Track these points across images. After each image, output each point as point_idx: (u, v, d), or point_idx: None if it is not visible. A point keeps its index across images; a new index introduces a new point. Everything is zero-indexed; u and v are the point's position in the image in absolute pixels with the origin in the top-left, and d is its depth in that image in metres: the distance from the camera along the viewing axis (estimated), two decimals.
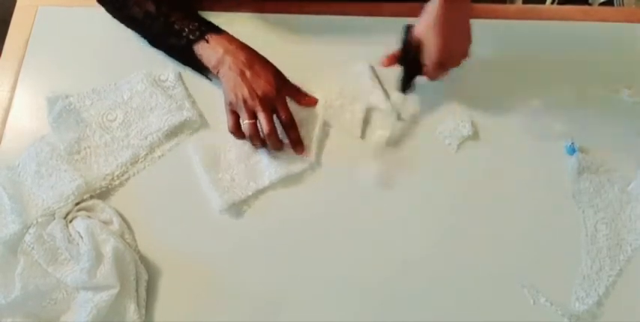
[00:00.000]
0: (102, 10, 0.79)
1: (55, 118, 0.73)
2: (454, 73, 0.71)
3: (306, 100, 0.73)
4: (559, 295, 0.64)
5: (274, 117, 0.68)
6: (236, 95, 0.67)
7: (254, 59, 0.69)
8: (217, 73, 0.70)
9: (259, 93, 0.66)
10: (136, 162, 0.72)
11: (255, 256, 0.67)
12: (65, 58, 0.79)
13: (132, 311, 0.62)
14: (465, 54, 0.70)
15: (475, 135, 0.73)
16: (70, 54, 0.79)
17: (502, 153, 0.72)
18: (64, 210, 0.67)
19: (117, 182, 0.70)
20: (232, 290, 0.65)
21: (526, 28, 0.80)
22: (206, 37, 0.70)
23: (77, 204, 0.68)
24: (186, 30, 0.70)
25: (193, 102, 0.75)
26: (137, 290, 0.64)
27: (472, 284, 0.65)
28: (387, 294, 0.65)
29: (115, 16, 0.77)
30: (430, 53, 0.67)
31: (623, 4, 1.38)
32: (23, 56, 0.79)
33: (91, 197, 0.69)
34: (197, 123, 0.73)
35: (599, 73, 0.76)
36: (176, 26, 0.71)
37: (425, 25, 0.67)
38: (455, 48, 0.69)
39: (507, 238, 0.67)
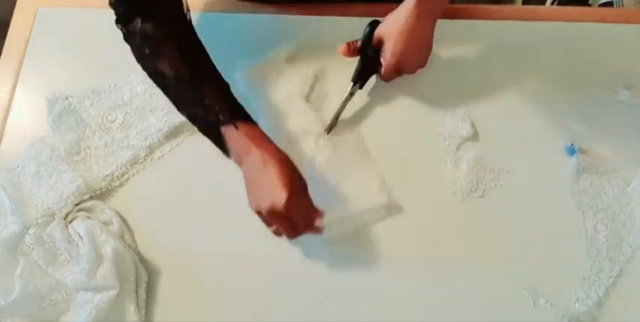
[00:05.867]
0: (101, 10, 0.78)
1: (55, 119, 0.73)
2: (454, 73, 0.71)
3: (315, 214, 0.63)
4: (559, 296, 0.64)
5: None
6: (253, 201, 0.62)
7: (272, 161, 0.60)
8: (239, 166, 0.64)
9: (268, 204, 0.59)
10: (136, 162, 0.72)
11: (255, 256, 0.67)
12: (65, 58, 0.79)
13: (131, 311, 0.62)
14: (421, 64, 0.72)
15: (475, 136, 0.73)
16: (70, 55, 0.79)
17: (502, 154, 0.71)
18: (64, 211, 0.67)
19: (117, 183, 0.70)
20: (232, 291, 0.65)
21: (526, 28, 0.80)
22: (236, 124, 0.62)
23: (77, 204, 0.68)
24: (217, 108, 0.62)
25: None
26: (137, 291, 0.64)
27: (472, 285, 0.65)
28: (385, 294, 0.65)
29: (139, 62, 0.67)
30: (388, 56, 0.69)
31: (622, 5, 1.38)
32: (23, 57, 0.79)
33: (91, 198, 0.69)
34: None
35: (599, 74, 0.76)
36: (207, 100, 0.63)
37: (391, 26, 0.68)
38: (413, 57, 0.70)
39: (507, 239, 0.67)
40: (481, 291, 0.65)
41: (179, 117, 0.73)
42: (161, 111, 0.73)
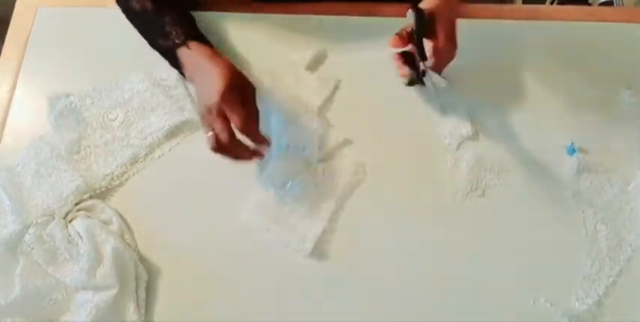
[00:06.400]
0: (101, 9, 0.79)
1: (57, 117, 0.73)
2: (454, 72, 0.71)
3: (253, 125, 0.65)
4: (559, 295, 0.64)
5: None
6: (198, 108, 0.66)
7: (216, 67, 0.64)
8: (191, 83, 0.70)
9: (207, 98, 0.62)
10: (136, 162, 0.72)
11: (255, 256, 0.67)
12: (65, 58, 0.79)
13: (131, 311, 0.62)
14: (453, 54, 0.69)
15: (475, 135, 0.73)
16: (70, 54, 0.79)
17: (502, 153, 0.71)
18: (64, 210, 0.67)
19: (116, 182, 0.70)
20: (232, 291, 0.65)
21: (526, 28, 0.80)
22: (188, 44, 0.68)
23: (77, 204, 0.68)
24: (174, 33, 0.70)
25: (194, 103, 0.75)
26: (137, 291, 0.64)
27: (472, 284, 0.65)
28: (385, 294, 0.65)
29: (118, 4, 0.76)
30: (445, 25, 0.66)
31: (623, 4, 1.38)
32: (23, 56, 0.79)
33: (91, 197, 0.69)
34: (198, 124, 0.73)
35: (598, 73, 0.76)
36: (166, 28, 0.70)
37: (436, 2, 0.67)
38: (454, 27, 0.68)
39: (507, 238, 0.67)
40: (481, 290, 0.65)
41: (180, 117, 0.73)
42: (162, 110, 0.73)
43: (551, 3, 1.47)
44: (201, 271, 0.66)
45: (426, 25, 0.67)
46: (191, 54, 0.68)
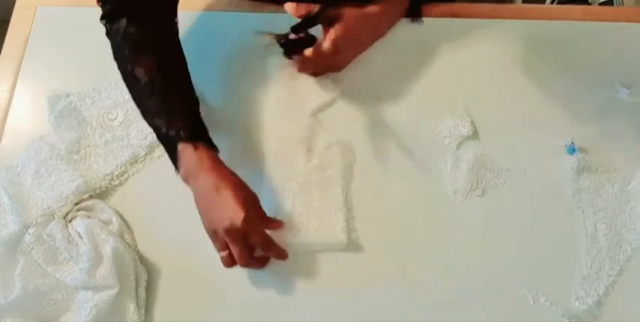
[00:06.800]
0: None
1: (57, 117, 0.73)
2: (454, 71, 0.71)
3: (273, 225, 0.65)
4: (559, 295, 0.64)
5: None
6: (207, 225, 0.63)
7: (224, 184, 0.61)
8: (189, 185, 0.64)
9: (226, 223, 0.59)
10: (136, 161, 0.72)
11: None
12: (64, 57, 0.79)
13: (131, 311, 0.62)
14: (340, 65, 0.74)
15: (475, 135, 0.73)
16: (70, 54, 0.79)
17: (502, 153, 0.71)
18: (64, 210, 0.67)
19: (116, 182, 0.70)
20: (232, 291, 0.65)
21: (525, 27, 0.80)
22: (195, 144, 0.62)
23: (77, 203, 0.68)
24: (180, 124, 0.63)
25: None
26: (137, 290, 0.64)
27: (472, 283, 0.65)
28: (385, 294, 0.65)
29: (116, 60, 0.68)
30: (340, 30, 0.68)
31: (623, 4, 1.38)
32: (22, 56, 0.79)
33: (91, 197, 0.69)
34: None
35: (598, 73, 0.76)
36: (174, 114, 0.64)
37: (355, 10, 0.69)
38: (355, 45, 0.72)
39: (507, 238, 0.67)
40: (481, 290, 0.65)
41: None
42: None
43: (551, 2, 1.47)
44: (201, 271, 0.66)
45: (324, 17, 0.68)
46: (197, 158, 0.62)
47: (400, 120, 0.74)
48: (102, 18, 0.68)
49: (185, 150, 0.63)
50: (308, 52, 0.70)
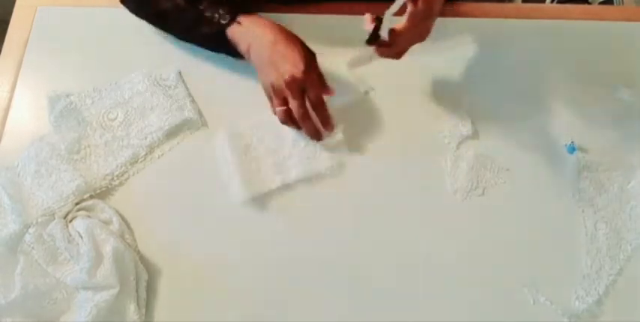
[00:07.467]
0: (101, 9, 0.79)
1: (57, 117, 0.73)
2: (455, 71, 0.71)
3: (327, 87, 0.68)
4: (559, 294, 0.64)
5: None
6: (265, 82, 0.66)
7: (279, 40, 0.65)
8: (249, 58, 0.68)
9: (286, 77, 0.63)
10: (136, 161, 0.72)
11: (256, 256, 0.67)
12: (65, 57, 0.79)
13: (132, 311, 0.62)
14: (425, 34, 0.66)
15: (475, 134, 0.73)
16: (70, 54, 0.79)
17: (502, 152, 0.72)
18: (64, 210, 0.67)
19: (117, 182, 0.70)
20: (233, 291, 0.65)
21: (525, 27, 0.80)
22: (238, 19, 0.67)
23: (77, 203, 0.68)
24: (217, 16, 0.68)
25: (194, 102, 0.75)
26: (137, 290, 0.64)
27: (472, 283, 0.65)
28: (385, 293, 0.65)
29: (139, 15, 0.74)
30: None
31: (623, 3, 1.38)
32: (22, 56, 0.79)
33: (91, 197, 0.69)
34: (198, 123, 0.73)
35: (598, 72, 0.76)
36: (207, 13, 0.68)
37: None
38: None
39: (507, 237, 0.67)
40: (481, 289, 0.65)
41: (180, 116, 0.73)
42: (162, 109, 0.73)
43: (552, 2, 1.47)
44: (201, 271, 0.66)
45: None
46: (245, 29, 0.67)
47: (400, 119, 0.74)
48: None
49: (234, 31, 0.67)
50: (400, 25, 0.64)
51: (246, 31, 0.67)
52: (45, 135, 0.72)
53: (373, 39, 0.66)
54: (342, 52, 0.76)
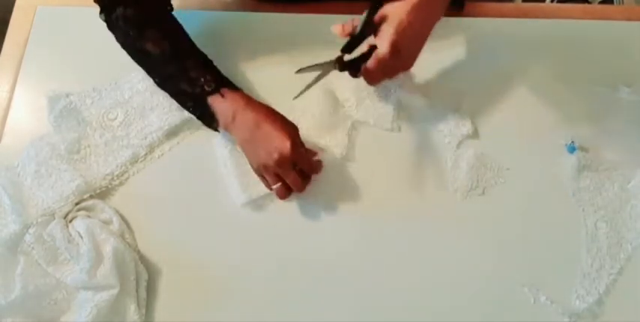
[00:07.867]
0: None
1: (56, 117, 0.73)
2: (455, 70, 0.71)
3: (313, 154, 0.70)
4: (559, 293, 0.64)
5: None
6: (255, 163, 0.66)
7: (263, 120, 0.64)
8: (228, 131, 0.67)
9: (276, 156, 0.63)
10: (136, 161, 0.72)
11: (256, 256, 0.67)
12: (64, 57, 0.79)
13: (132, 311, 0.62)
14: (408, 64, 0.66)
15: (475, 134, 0.73)
16: (69, 54, 0.79)
17: (502, 152, 0.71)
18: (64, 210, 0.67)
19: (117, 182, 0.70)
20: (232, 290, 0.65)
21: (525, 26, 0.80)
22: (221, 91, 0.66)
23: (77, 203, 0.68)
24: (202, 80, 0.66)
25: None
26: (137, 290, 0.64)
27: (472, 282, 0.65)
28: (385, 293, 0.65)
29: (124, 47, 0.72)
30: (390, 33, 0.62)
31: (622, 3, 1.38)
32: (22, 56, 0.79)
33: (91, 197, 0.69)
34: (197, 123, 0.73)
35: (598, 72, 0.76)
36: (192, 73, 0.67)
37: (397, 6, 0.63)
38: (409, 48, 0.64)
39: (507, 237, 0.67)
40: (481, 288, 0.65)
41: (180, 116, 0.73)
42: (162, 109, 0.73)
43: (551, 1, 1.47)
44: (201, 270, 0.66)
45: (370, 24, 0.64)
46: (228, 104, 0.66)
47: (400, 118, 0.74)
48: (100, 13, 0.70)
49: (215, 101, 0.66)
50: (369, 64, 0.65)
51: (230, 105, 0.65)
52: (45, 135, 0.72)
53: (348, 48, 0.66)
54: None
